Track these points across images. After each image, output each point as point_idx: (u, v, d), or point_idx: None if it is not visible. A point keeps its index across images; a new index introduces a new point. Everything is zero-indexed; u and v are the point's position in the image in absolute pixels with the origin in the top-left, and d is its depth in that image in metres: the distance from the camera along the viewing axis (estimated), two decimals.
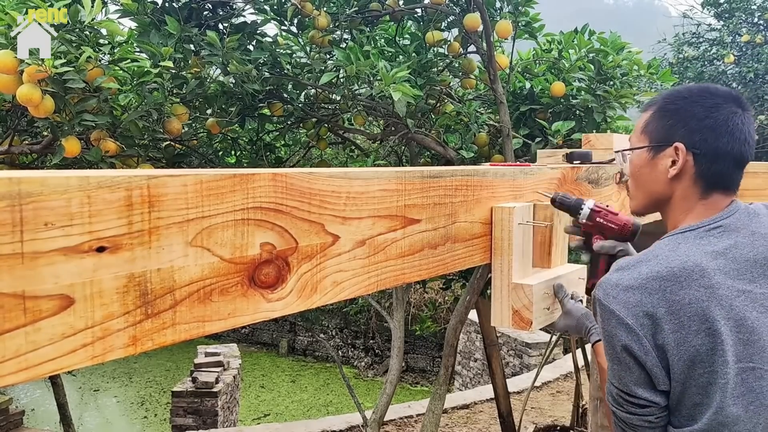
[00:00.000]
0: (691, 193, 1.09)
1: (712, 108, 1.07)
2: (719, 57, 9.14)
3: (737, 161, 1.07)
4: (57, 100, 2.15)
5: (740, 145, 1.06)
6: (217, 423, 7.64)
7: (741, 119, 1.07)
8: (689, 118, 1.08)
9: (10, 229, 0.53)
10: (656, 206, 1.15)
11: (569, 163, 1.67)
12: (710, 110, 1.07)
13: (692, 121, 1.07)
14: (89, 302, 0.59)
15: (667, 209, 1.13)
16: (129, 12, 2.58)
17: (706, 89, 1.11)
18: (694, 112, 1.08)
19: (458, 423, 5.67)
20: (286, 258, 0.79)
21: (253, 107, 3.09)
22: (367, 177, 0.93)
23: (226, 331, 0.97)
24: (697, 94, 1.10)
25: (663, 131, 1.11)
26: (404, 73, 2.47)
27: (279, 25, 3.02)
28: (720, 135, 1.05)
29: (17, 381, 0.56)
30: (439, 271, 1.12)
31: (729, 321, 0.96)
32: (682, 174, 1.08)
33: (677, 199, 1.10)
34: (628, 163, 1.20)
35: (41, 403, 10.55)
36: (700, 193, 1.08)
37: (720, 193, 1.08)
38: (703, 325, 0.95)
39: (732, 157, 1.06)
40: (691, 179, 1.08)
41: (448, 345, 3.66)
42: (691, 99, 1.09)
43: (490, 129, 3.16)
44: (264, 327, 14.13)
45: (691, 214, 1.09)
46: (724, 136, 1.05)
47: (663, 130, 1.11)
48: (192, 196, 0.67)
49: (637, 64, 3.17)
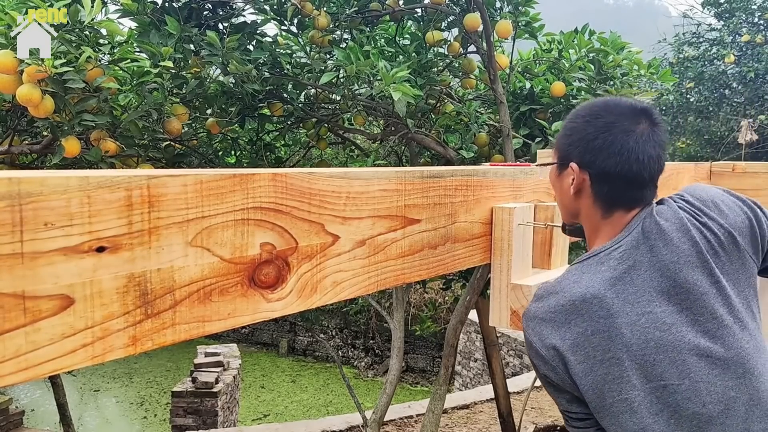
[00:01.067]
0: (593, 211, 1.11)
1: (603, 128, 1.07)
2: (719, 57, 9.14)
3: (629, 181, 1.06)
4: (57, 100, 2.15)
5: (631, 165, 1.05)
6: (217, 423, 7.64)
7: (635, 139, 1.05)
8: (582, 139, 1.09)
9: (10, 229, 0.53)
10: (573, 218, 1.18)
11: None
12: (601, 130, 1.07)
13: (583, 142, 1.09)
14: (89, 302, 0.59)
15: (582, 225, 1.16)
16: (129, 12, 2.58)
17: (605, 107, 1.11)
18: (587, 132, 1.09)
19: (458, 423, 5.67)
20: (286, 258, 0.79)
21: (253, 107, 3.09)
22: (367, 177, 0.93)
23: (226, 331, 0.97)
24: (593, 113, 1.10)
25: (564, 149, 1.13)
26: (404, 73, 2.47)
27: (279, 25, 3.02)
28: (609, 156, 1.06)
29: (17, 381, 0.56)
30: (439, 271, 1.12)
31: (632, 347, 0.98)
32: (582, 192, 1.11)
33: (584, 216, 1.13)
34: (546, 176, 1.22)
35: (41, 403, 10.55)
36: (602, 212, 1.10)
37: (622, 211, 1.09)
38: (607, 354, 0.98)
39: (622, 177, 1.06)
40: (590, 198, 1.10)
41: (448, 345, 3.66)
42: (586, 118, 1.11)
43: (490, 129, 3.16)
44: (264, 327, 14.13)
45: (600, 234, 1.11)
46: (612, 157, 1.05)
47: (563, 150, 1.13)
48: (192, 196, 0.67)
49: (638, 64, 3.17)
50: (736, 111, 9.19)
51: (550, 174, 1.20)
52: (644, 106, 1.10)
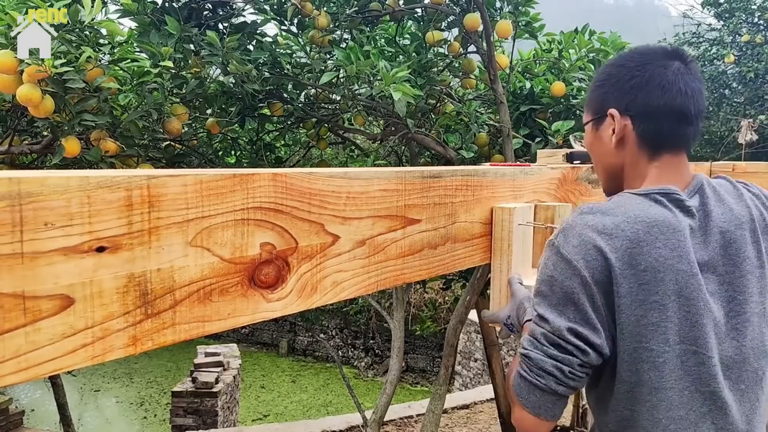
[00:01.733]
0: (638, 158, 1.04)
1: (637, 67, 1.03)
2: (719, 57, 9.14)
3: (677, 115, 1.01)
4: (57, 100, 2.15)
5: (674, 97, 1.00)
6: (217, 423, 7.64)
7: (673, 72, 1.01)
8: (617, 83, 1.05)
9: (10, 229, 0.53)
10: (615, 180, 1.11)
11: (569, 163, 1.67)
12: (635, 70, 1.03)
13: (619, 84, 1.04)
14: (89, 302, 0.59)
15: (623, 181, 1.09)
16: (129, 12, 2.58)
17: (635, 51, 1.07)
18: (621, 76, 1.05)
19: (458, 423, 5.66)
20: (286, 258, 0.79)
21: (253, 107, 3.09)
22: (367, 177, 0.93)
23: (226, 331, 0.97)
24: (624, 58, 1.07)
25: (598, 102, 1.09)
26: (404, 73, 2.47)
27: (279, 25, 3.02)
28: (650, 92, 1.01)
29: (17, 381, 0.56)
30: (439, 271, 1.12)
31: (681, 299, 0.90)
32: (625, 140, 1.05)
33: (628, 167, 1.06)
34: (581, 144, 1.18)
35: (41, 403, 10.55)
36: (648, 156, 1.03)
37: (670, 154, 1.03)
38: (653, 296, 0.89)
39: (669, 111, 1.00)
40: (634, 143, 1.04)
41: (448, 345, 3.66)
42: (617, 64, 1.07)
43: (490, 129, 3.16)
44: (264, 327, 14.14)
45: (648, 178, 1.04)
46: (654, 91, 1.00)
47: (598, 101, 1.09)
48: (192, 196, 0.67)
49: None
50: (736, 111, 9.18)
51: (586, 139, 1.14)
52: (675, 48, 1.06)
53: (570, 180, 1.56)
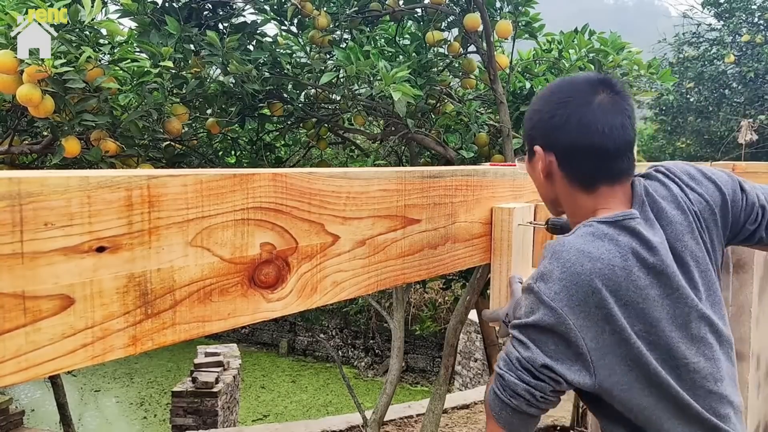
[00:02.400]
0: (572, 190, 1.04)
1: (558, 105, 1.02)
2: (719, 57, 9.15)
3: (599, 153, 1.00)
4: (57, 100, 2.15)
5: (592, 136, 0.99)
6: (217, 423, 7.64)
7: (593, 109, 1.00)
8: (539, 120, 1.05)
9: (10, 229, 0.53)
10: (555, 207, 1.13)
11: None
12: (557, 108, 1.02)
13: (542, 123, 1.05)
14: (89, 302, 0.59)
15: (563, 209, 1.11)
16: (129, 12, 2.58)
17: (560, 85, 1.06)
18: (543, 113, 1.05)
19: (458, 423, 5.67)
20: (286, 258, 0.79)
21: (253, 107, 3.09)
22: (367, 177, 0.93)
23: (226, 331, 0.97)
24: (549, 93, 1.06)
25: (528, 135, 1.09)
26: (404, 73, 2.47)
27: (279, 25, 3.02)
28: (569, 131, 1.00)
29: (17, 381, 0.56)
30: (439, 271, 1.12)
31: None
32: (553, 175, 1.05)
33: (563, 197, 1.07)
34: None
35: (41, 403, 10.55)
36: (582, 189, 1.03)
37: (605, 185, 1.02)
38: None
39: (589, 150, 1.00)
40: (563, 179, 1.04)
41: (448, 345, 3.66)
42: (543, 99, 1.07)
43: (490, 129, 3.16)
44: (264, 327, 14.14)
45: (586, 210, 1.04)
46: (572, 131, 1.00)
47: (528, 135, 1.09)
48: (192, 196, 0.68)
49: (637, 64, 3.17)
50: (736, 111, 9.18)
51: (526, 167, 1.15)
52: (602, 77, 1.04)
53: None
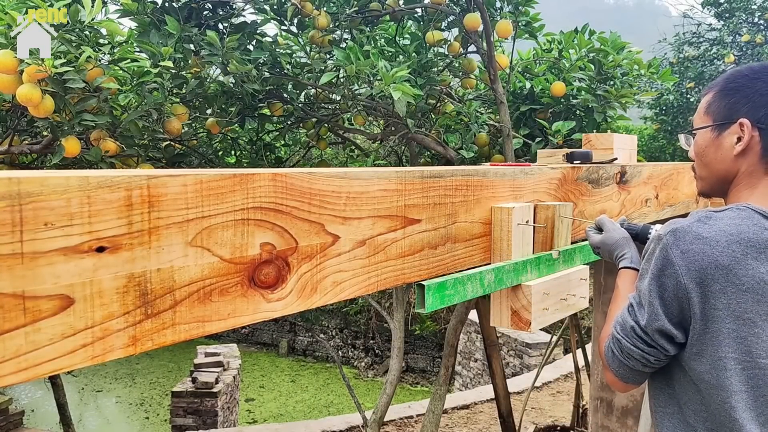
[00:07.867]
0: (756, 169, 1.09)
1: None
2: (719, 57, 9.14)
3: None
4: (57, 100, 2.15)
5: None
6: (217, 423, 7.64)
7: None
8: (753, 94, 1.09)
9: (10, 229, 0.53)
10: (721, 185, 1.16)
11: (569, 163, 1.66)
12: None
13: (756, 97, 1.08)
14: (89, 302, 0.59)
15: (731, 187, 1.13)
16: (129, 12, 2.58)
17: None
18: (757, 88, 1.09)
19: (458, 423, 5.66)
20: (286, 258, 0.79)
21: (253, 107, 3.09)
22: (367, 177, 0.93)
23: (226, 331, 0.97)
24: (759, 71, 1.11)
25: (726, 109, 1.12)
26: (404, 72, 2.47)
27: (279, 25, 3.02)
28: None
29: (17, 381, 0.56)
30: (439, 271, 1.12)
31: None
32: (748, 150, 1.09)
33: (742, 175, 1.11)
34: (692, 145, 1.20)
35: (41, 403, 10.55)
36: (765, 169, 1.08)
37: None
38: (750, 314, 0.95)
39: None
40: (757, 155, 1.09)
41: (448, 345, 3.66)
42: (753, 76, 1.10)
43: (491, 129, 3.15)
44: (264, 327, 14.14)
45: (756, 190, 1.09)
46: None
47: (726, 109, 1.12)
48: (192, 196, 0.67)
49: (638, 64, 3.17)
50: None
51: (697, 141, 1.17)
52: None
53: (570, 180, 1.56)
